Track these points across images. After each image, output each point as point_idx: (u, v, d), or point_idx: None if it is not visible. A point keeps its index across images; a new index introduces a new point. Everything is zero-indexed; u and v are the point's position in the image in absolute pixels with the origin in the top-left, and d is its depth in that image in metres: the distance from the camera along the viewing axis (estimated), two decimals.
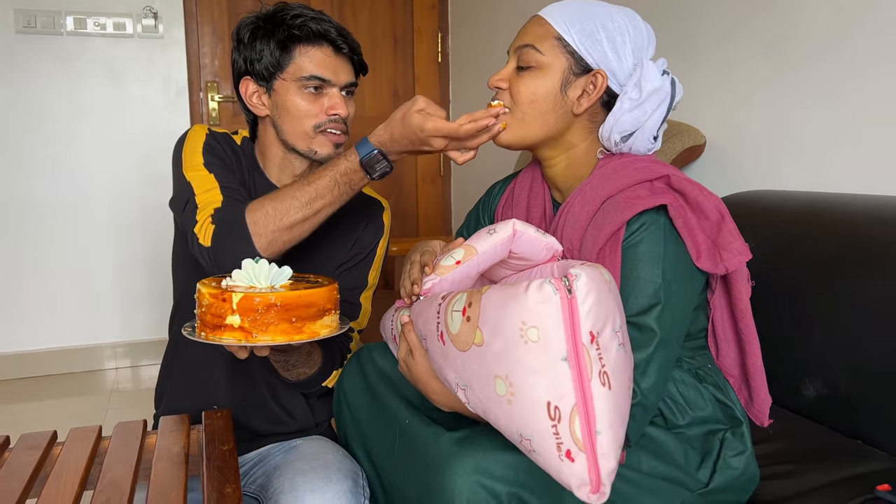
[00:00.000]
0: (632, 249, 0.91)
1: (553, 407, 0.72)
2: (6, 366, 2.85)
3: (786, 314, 1.26)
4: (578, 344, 0.73)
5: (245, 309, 0.89)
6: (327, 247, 1.26)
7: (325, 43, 1.15)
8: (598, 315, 0.74)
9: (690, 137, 1.72)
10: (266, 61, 1.15)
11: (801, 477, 1.05)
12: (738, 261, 0.92)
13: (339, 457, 1.10)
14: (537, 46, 0.99)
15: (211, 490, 0.82)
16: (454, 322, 0.83)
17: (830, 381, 1.18)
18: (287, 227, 1.06)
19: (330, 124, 1.17)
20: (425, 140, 1.03)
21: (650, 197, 0.92)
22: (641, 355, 0.88)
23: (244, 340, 0.90)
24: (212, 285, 0.93)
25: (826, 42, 1.47)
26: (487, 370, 0.78)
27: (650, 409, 0.90)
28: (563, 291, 0.73)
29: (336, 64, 1.16)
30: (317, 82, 1.15)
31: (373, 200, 1.35)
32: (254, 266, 0.95)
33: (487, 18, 2.97)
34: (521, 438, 0.75)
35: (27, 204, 2.81)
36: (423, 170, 3.47)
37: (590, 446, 0.71)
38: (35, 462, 0.90)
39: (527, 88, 1.00)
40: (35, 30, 2.72)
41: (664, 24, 1.93)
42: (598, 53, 0.97)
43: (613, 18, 0.98)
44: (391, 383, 1.08)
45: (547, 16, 1.01)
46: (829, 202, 1.31)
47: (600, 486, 0.71)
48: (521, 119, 1.01)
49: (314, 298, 0.93)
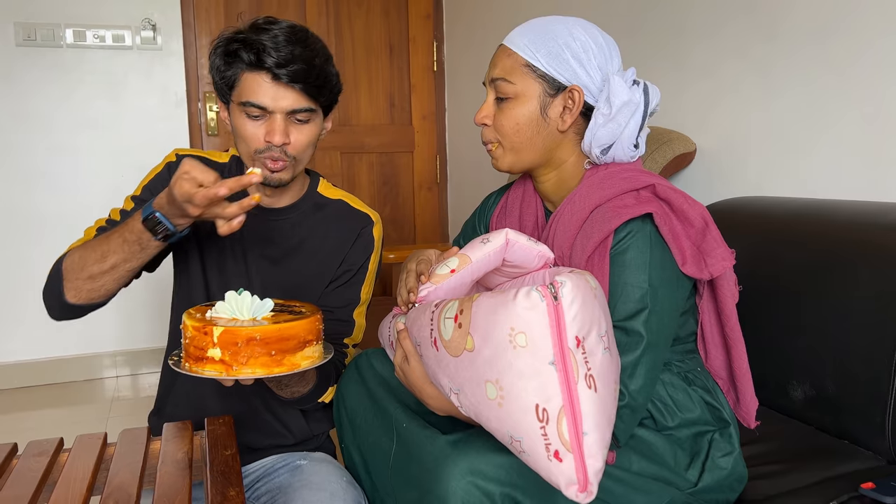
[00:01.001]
0: (619, 256, 0.94)
1: (541, 409, 0.75)
2: (8, 375, 2.87)
3: (774, 318, 1.29)
4: (565, 348, 0.76)
5: (226, 343, 0.90)
6: (317, 265, 1.27)
7: (263, 70, 1.11)
8: (583, 320, 0.77)
9: (681, 145, 1.75)
10: (220, 81, 1.16)
11: (789, 476, 1.08)
12: (722, 266, 0.95)
13: (343, 484, 1.11)
14: (508, 78, 1.02)
15: (215, 493, 0.85)
16: (447, 329, 0.86)
17: (818, 382, 1.21)
18: (88, 277, 1.09)
19: (267, 152, 1.14)
20: (182, 206, 0.97)
21: (636, 206, 0.95)
22: (629, 358, 0.91)
23: (224, 373, 0.91)
24: (196, 317, 0.95)
25: (814, 51, 1.50)
26: (478, 375, 0.81)
27: (638, 411, 0.93)
28: (549, 298, 0.76)
29: (276, 91, 1.11)
30: (254, 109, 1.13)
31: (361, 215, 1.33)
32: (236, 298, 0.97)
33: (482, 27, 3.01)
34: (512, 440, 0.78)
35: (27, 214, 2.84)
36: (420, 178, 3.51)
37: (577, 447, 0.74)
38: (43, 468, 0.92)
39: (509, 120, 1.03)
40: (35, 42, 2.75)
41: (653, 32, 1.96)
42: (567, 72, 1.00)
43: (574, 35, 1.00)
44: (389, 388, 1.11)
45: (511, 45, 1.03)
46: (814, 208, 1.34)
47: (588, 486, 0.74)
48: (510, 148, 1.06)
49: (294, 331, 0.94)
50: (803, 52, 1.52)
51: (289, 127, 1.14)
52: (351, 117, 3.34)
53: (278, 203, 1.28)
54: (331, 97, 1.19)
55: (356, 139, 3.36)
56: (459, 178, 3.42)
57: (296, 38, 1.12)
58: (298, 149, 1.16)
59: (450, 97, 3.44)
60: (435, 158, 3.51)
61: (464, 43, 3.23)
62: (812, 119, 1.52)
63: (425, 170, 3.51)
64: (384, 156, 3.44)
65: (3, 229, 2.82)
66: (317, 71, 1.13)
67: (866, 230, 1.20)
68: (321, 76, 1.14)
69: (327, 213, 1.31)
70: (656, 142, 1.75)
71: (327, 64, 1.16)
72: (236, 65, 1.13)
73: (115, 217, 1.23)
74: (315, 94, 1.14)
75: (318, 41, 1.17)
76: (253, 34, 1.11)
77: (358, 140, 3.36)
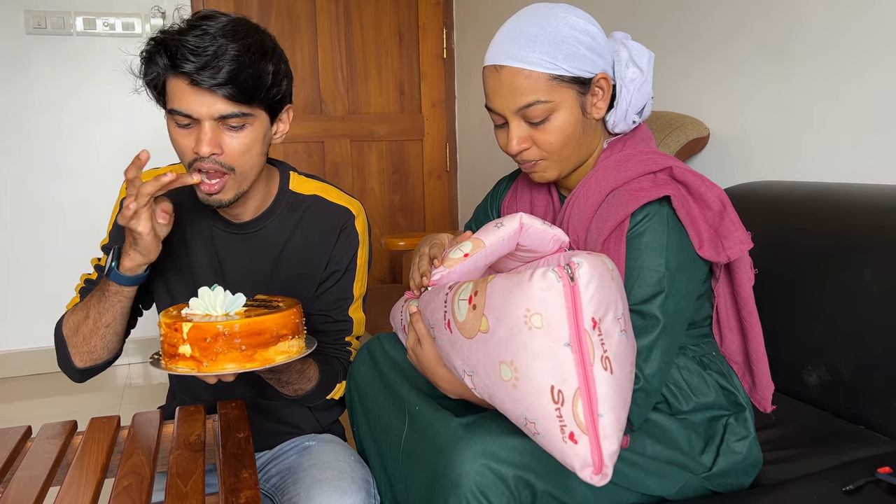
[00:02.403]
0: (636, 240, 0.93)
1: (556, 391, 0.74)
2: (22, 362, 2.89)
3: (789, 302, 1.28)
4: (581, 330, 0.75)
5: (194, 338, 0.90)
6: (302, 270, 1.21)
7: (181, 75, 0.99)
8: (599, 302, 0.76)
9: (694, 129, 1.73)
10: (148, 87, 1.05)
11: (804, 461, 1.07)
12: (740, 249, 0.94)
13: (351, 463, 1.11)
14: (542, 98, 0.96)
15: (227, 475, 0.85)
16: (461, 311, 0.86)
17: (833, 367, 1.20)
18: (82, 339, 1.10)
19: (196, 164, 1.03)
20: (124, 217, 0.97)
21: (653, 189, 0.94)
22: (645, 342, 0.90)
23: (196, 370, 0.90)
24: (171, 314, 0.95)
25: (829, 33, 1.48)
26: (493, 356, 0.80)
27: (653, 395, 0.92)
28: (565, 279, 0.76)
29: (198, 97, 0.99)
30: (182, 118, 1.02)
31: (340, 210, 1.23)
32: (209, 294, 0.96)
33: (492, 14, 2.99)
34: (526, 422, 0.78)
35: (38, 201, 2.85)
36: (430, 166, 3.50)
37: (592, 429, 0.74)
38: (57, 450, 0.92)
39: (556, 136, 0.98)
40: (45, 30, 2.76)
41: (668, 17, 1.94)
42: (589, 65, 0.97)
43: (576, 27, 0.96)
44: (402, 372, 1.10)
45: (522, 63, 0.95)
46: (829, 192, 1.33)
47: (603, 468, 0.73)
48: (560, 160, 1.02)
49: (265, 325, 0.92)
50: (819, 33, 1.50)
51: (220, 135, 1.02)
52: (361, 105, 3.33)
53: (247, 214, 1.18)
54: (271, 97, 1.05)
55: (366, 127, 3.35)
56: (469, 165, 3.41)
57: (224, 35, 0.99)
58: (234, 157, 1.03)
59: (460, 85, 3.42)
60: (445, 146, 3.50)
61: (474, 30, 3.21)
62: (827, 102, 1.50)
63: (435, 158, 3.50)
64: (394, 144, 3.43)
65: (15, 216, 2.83)
66: (244, 71, 0.99)
67: (882, 214, 1.19)
68: (252, 76, 1.00)
69: (304, 212, 1.21)
70: (669, 126, 1.73)
71: (262, 61, 1.02)
72: (155, 68, 1.01)
73: (98, 264, 1.23)
74: (245, 97, 1.01)
75: (253, 34, 1.03)
76: (177, 33, 1.00)
77: (367, 128, 3.35)
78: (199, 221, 1.19)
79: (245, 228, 1.19)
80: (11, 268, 2.86)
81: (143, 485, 0.82)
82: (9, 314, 2.88)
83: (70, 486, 0.82)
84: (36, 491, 0.81)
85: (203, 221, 1.19)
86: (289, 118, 1.13)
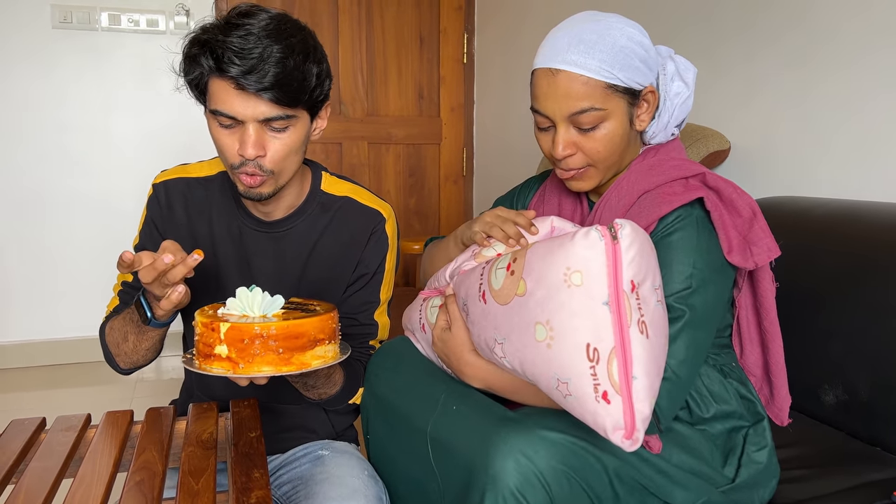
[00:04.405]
0: (666, 239, 0.94)
1: (592, 349, 0.75)
2: (36, 352, 2.92)
3: (807, 320, 1.26)
4: (619, 290, 0.76)
5: (232, 339, 0.88)
6: (331, 271, 1.21)
7: (227, 78, 0.98)
8: (639, 266, 0.77)
9: (715, 142, 1.72)
10: (190, 86, 1.05)
11: (818, 481, 1.06)
12: (768, 256, 0.94)
13: (364, 479, 1.09)
14: (597, 106, 0.96)
15: (239, 474, 0.85)
16: (497, 279, 0.87)
17: (850, 387, 1.18)
18: (124, 353, 1.14)
19: (241, 167, 1.04)
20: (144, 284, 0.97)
21: (685, 193, 0.95)
22: (669, 332, 0.89)
23: (231, 371, 0.88)
24: (208, 313, 0.93)
25: (855, 49, 1.46)
26: (528, 318, 0.81)
27: (681, 388, 0.91)
28: (608, 238, 0.77)
29: (244, 100, 0.99)
30: (225, 119, 1.01)
31: (371, 212, 1.22)
32: (247, 294, 0.94)
33: (514, 20, 2.98)
34: (559, 382, 0.77)
35: (59, 195, 2.88)
36: (447, 170, 3.50)
37: (626, 390, 0.73)
38: (71, 443, 0.93)
39: (605, 144, 0.99)
40: (71, 25, 2.79)
41: (691, 28, 1.93)
42: (641, 77, 0.98)
43: (632, 39, 0.97)
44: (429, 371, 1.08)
45: (581, 69, 0.95)
46: (852, 209, 1.31)
47: (634, 432, 0.73)
48: (606, 168, 1.02)
49: (303, 329, 0.90)
50: (841, 47, 1.48)
51: (263, 137, 1.02)
52: (380, 108, 3.34)
53: (279, 212, 1.18)
54: (314, 97, 1.05)
55: (384, 130, 3.36)
56: (485, 171, 3.40)
57: (268, 35, 0.98)
58: (276, 161, 1.04)
59: (479, 89, 3.42)
60: (462, 151, 3.50)
61: (495, 35, 3.21)
62: (850, 118, 1.48)
63: (452, 162, 3.50)
64: (411, 147, 3.43)
65: (36, 209, 2.86)
66: (290, 74, 0.99)
67: None
68: (296, 79, 1.00)
69: (335, 214, 1.20)
70: (690, 138, 1.72)
71: (306, 62, 1.02)
72: (199, 69, 1.01)
73: (112, 301, 1.25)
74: (290, 100, 1.00)
75: (297, 34, 1.02)
76: (220, 33, 0.98)
77: (385, 131, 3.36)
78: (228, 219, 1.19)
79: (275, 227, 1.19)
80: (29, 258, 2.88)
81: (156, 481, 0.82)
82: (27, 304, 2.91)
83: (83, 479, 0.82)
84: (49, 483, 0.82)
85: (232, 219, 1.19)
86: (326, 115, 1.13)
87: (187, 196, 1.20)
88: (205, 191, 1.20)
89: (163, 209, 1.20)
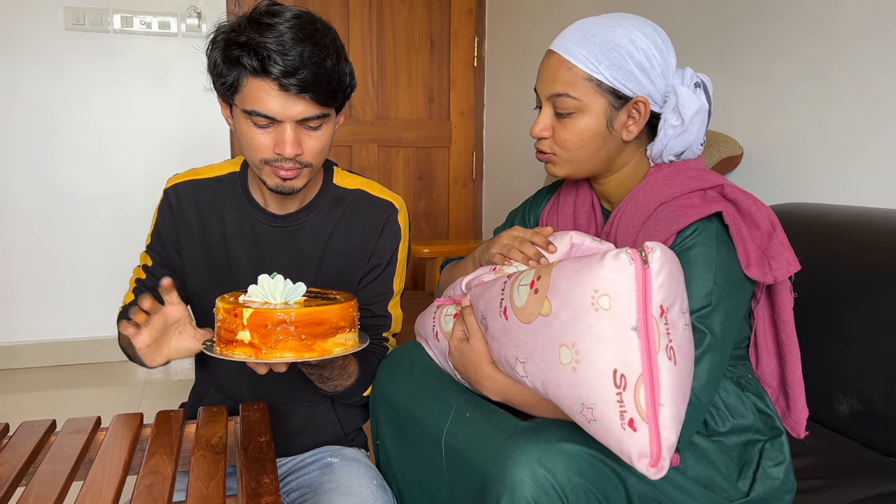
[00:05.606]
0: (684, 253, 0.92)
1: (619, 375, 0.73)
2: (45, 353, 2.93)
3: (821, 329, 1.25)
4: (649, 315, 0.74)
5: (255, 325, 0.88)
6: (345, 263, 1.22)
7: (269, 79, 0.99)
8: (668, 290, 0.75)
9: (727, 148, 1.71)
10: (220, 84, 1.05)
11: (833, 492, 1.04)
12: (787, 271, 0.93)
13: (373, 489, 1.09)
14: (572, 94, 0.97)
15: (248, 479, 0.84)
16: (520, 296, 0.85)
17: (865, 397, 1.17)
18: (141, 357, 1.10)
19: (277, 162, 1.05)
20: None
21: (703, 205, 0.93)
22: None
23: (254, 357, 0.88)
24: (228, 300, 0.93)
25: (872, 57, 1.45)
26: (553, 339, 0.79)
27: (700, 411, 0.90)
28: (638, 261, 0.75)
29: (284, 100, 1.00)
30: (262, 119, 1.02)
31: (384, 203, 1.24)
32: (269, 282, 0.94)
33: (524, 24, 2.98)
34: (583, 407, 0.76)
35: (71, 196, 2.90)
36: (456, 173, 3.49)
37: (653, 417, 0.72)
38: (81, 446, 0.93)
39: (573, 136, 0.99)
40: (83, 27, 2.80)
41: (704, 35, 1.92)
42: (632, 83, 0.96)
43: (636, 43, 0.95)
44: (442, 378, 1.07)
45: (569, 55, 0.97)
46: (867, 216, 1.30)
47: (660, 460, 0.72)
48: (571, 160, 1.02)
49: (325, 316, 0.91)
50: (857, 53, 1.47)
51: (300, 135, 1.04)
52: (389, 111, 3.34)
53: (293, 205, 1.19)
54: (345, 97, 1.08)
55: (394, 133, 3.36)
56: (495, 175, 3.40)
57: (304, 36, 0.99)
58: (313, 155, 1.07)
59: (489, 93, 3.42)
60: (471, 154, 3.50)
61: (505, 39, 3.21)
62: (864, 124, 1.47)
63: (461, 165, 3.49)
64: (421, 150, 3.43)
65: (48, 209, 2.88)
66: (329, 75, 1.01)
67: None
68: (334, 79, 1.02)
69: (348, 206, 1.22)
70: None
71: (340, 62, 1.04)
72: (238, 70, 1.01)
73: (144, 262, 1.23)
74: (328, 100, 1.03)
75: (327, 34, 1.04)
76: (256, 34, 0.99)
77: (395, 134, 3.36)
78: (240, 217, 1.20)
79: (289, 221, 1.20)
80: (41, 259, 2.90)
81: (165, 484, 0.82)
82: (36, 305, 2.92)
83: (93, 482, 0.82)
84: (59, 486, 0.81)
85: (244, 217, 1.20)
86: (343, 114, 1.15)
87: (198, 197, 1.21)
88: (215, 191, 1.21)
89: (174, 213, 1.21)
